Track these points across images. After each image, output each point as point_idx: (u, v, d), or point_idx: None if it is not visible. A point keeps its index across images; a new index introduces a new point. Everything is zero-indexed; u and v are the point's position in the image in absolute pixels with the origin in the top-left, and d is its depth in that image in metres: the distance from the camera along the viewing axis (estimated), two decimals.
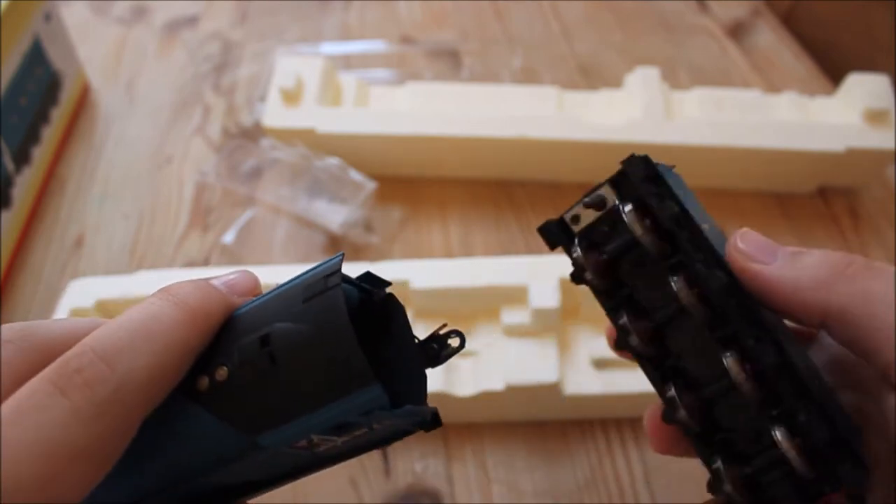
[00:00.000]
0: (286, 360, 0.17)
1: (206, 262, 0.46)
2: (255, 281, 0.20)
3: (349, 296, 0.18)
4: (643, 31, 0.63)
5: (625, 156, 0.20)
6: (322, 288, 0.17)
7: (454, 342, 0.19)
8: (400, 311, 0.19)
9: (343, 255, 0.18)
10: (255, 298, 0.19)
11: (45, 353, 0.17)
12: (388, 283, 0.19)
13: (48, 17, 0.51)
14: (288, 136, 0.48)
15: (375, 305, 0.19)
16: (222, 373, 0.18)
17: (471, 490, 0.36)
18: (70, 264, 0.46)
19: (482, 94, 0.50)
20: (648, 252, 0.19)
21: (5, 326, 0.17)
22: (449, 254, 0.46)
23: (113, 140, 0.54)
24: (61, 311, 0.38)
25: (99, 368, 0.15)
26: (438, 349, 0.19)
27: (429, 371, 0.19)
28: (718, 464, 0.19)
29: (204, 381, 0.18)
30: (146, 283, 0.39)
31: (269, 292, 0.19)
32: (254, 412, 0.18)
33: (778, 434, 0.18)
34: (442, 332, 0.19)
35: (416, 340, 0.19)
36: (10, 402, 0.15)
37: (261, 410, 0.18)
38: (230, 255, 0.46)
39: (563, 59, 0.60)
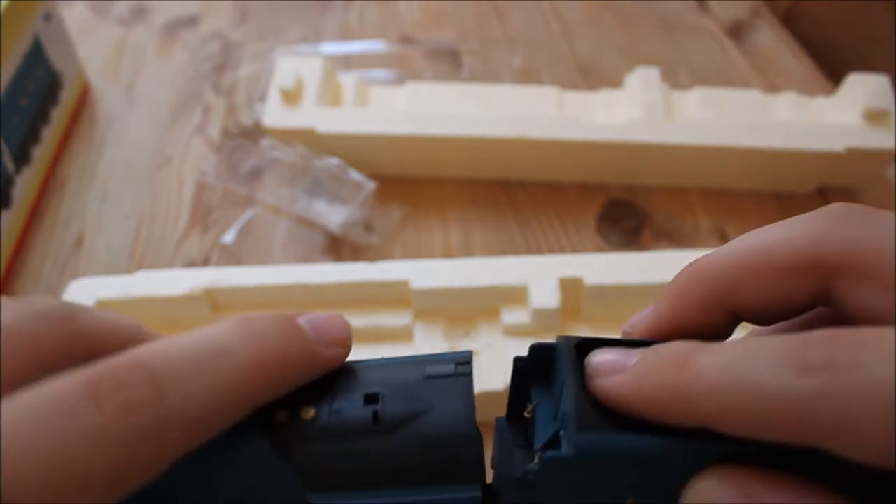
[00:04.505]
0: (390, 424, 0.16)
1: (205, 262, 0.46)
2: (348, 329, 0.18)
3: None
4: (643, 31, 0.63)
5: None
6: (450, 372, 0.16)
7: None
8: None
9: (472, 353, 0.17)
10: (361, 361, 0.17)
11: (81, 343, 0.15)
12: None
13: (48, 17, 0.51)
14: (288, 136, 0.48)
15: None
16: (309, 413, 0.16)
17: None
18: (70, 264, 0.46)
19: (482, 94, 0.50)
20: None
21: (42, 299, 0.15)
22: (449, 254, 0.46)
23: (113, 140, 0.54)
24: None
25: (146, 392, 0.13)
26: None
27: None
28: None
29: (283, 415, 0.16)
30: (146, 283, 0.39)
31: (383, 360, 0.17)
32: (325, 466, 0.16)
33: None
34: None
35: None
36: (36, 394, 0.13)
37: (334, 467, 0.16)
38: (230, 255, 0.46)
39: (563, 59, 0.60)
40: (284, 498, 0.16)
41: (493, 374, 0.36)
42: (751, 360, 0.13)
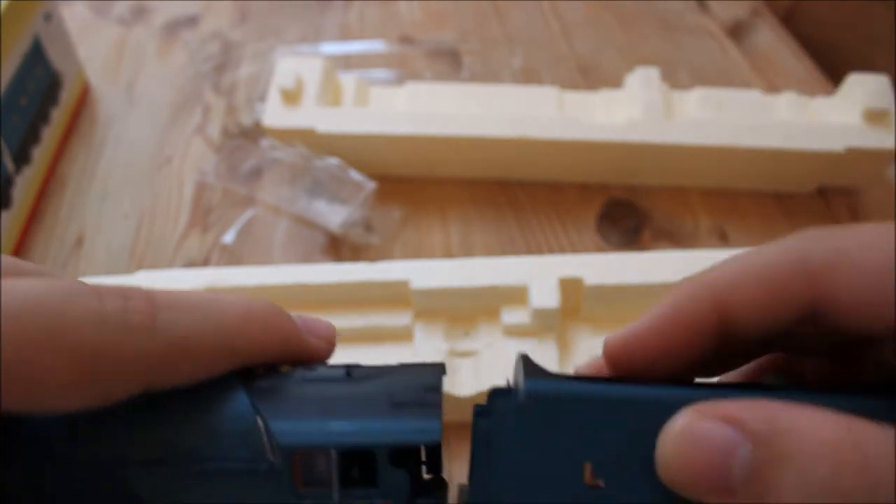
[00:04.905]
0: (362, 377, 0.17)
1: (206, 262, 0.46)
2: (333, 329, 0.19)
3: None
4: (643, 31, 0.63)
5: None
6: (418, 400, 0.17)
7: None
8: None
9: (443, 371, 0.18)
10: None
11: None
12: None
13: (48, 17, 0.51)
14: (288, 136, 0.48)
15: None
16: (285, 368, 0.17)
17: None
18: (70, 264, 0.46)
19: (482, 94, 0.50)
20: None
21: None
22: (449, 254, 0.46)
23: (113, 140, 0.54)
24: None
25: (143, 305, 0.15)
26: None
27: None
28: None
29: (261, 370, 0.17)
30: (146, 283, 0.39)
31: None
32: (294, 400, 0.17)
33: None
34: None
35: None
36: (49, 278, 0.14)
37: (302, 401, 0.17)
38: (230, 255, 0.46)
39: (563, 59, 0.60)
40: (244, 433, 0.16)
41: (493, 374, 0.36)
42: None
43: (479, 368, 0.37)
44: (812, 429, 0.13)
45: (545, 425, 0.16)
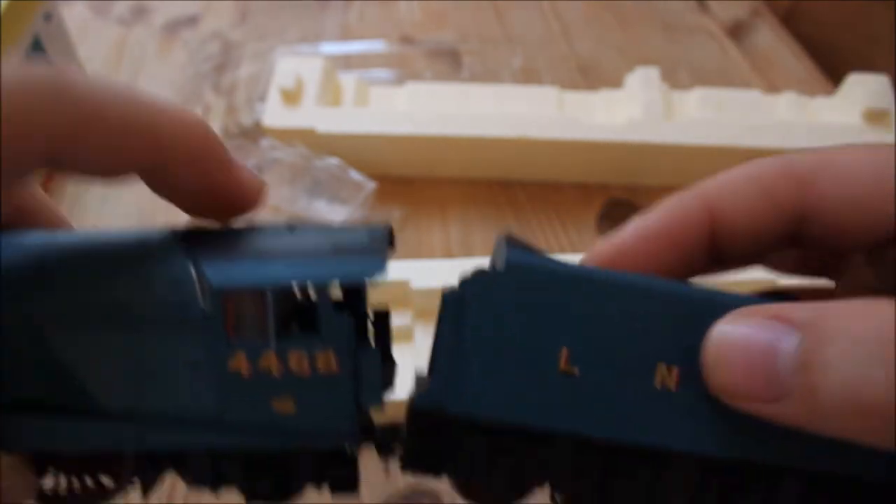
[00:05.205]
0: (304, 230, 0.16)
1: None
2: (263, 184, 0.17)
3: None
4: (643, 31, 0.63)
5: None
6: (364, 244, 0.16)
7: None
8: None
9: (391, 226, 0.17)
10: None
11: None
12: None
13: (48, 17, 0.51)
14: (288, 136, 0.48)
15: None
16: (220, 225, 0.16)
17: None
18: None
19: (482, 94, 0.50)
20: None
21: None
22: (449, 254, 0.46)
23: None
24: None
25: (57, 69, 0.14)
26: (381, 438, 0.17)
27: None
28: None
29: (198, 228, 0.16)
30: None
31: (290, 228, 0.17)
32: (226, 246, 0.16)
33: None
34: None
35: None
36: None
37: (233, 249, 0.15)
38: None
39: (563, 59, 0.60)
40: (175, 278, 0.15)
41: None
42: None
43: None
44: (861, 307, 0.13)
45: (524, 301, 0.15)
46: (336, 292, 0.15)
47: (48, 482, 0.17)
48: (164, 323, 0.15)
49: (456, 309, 0.15)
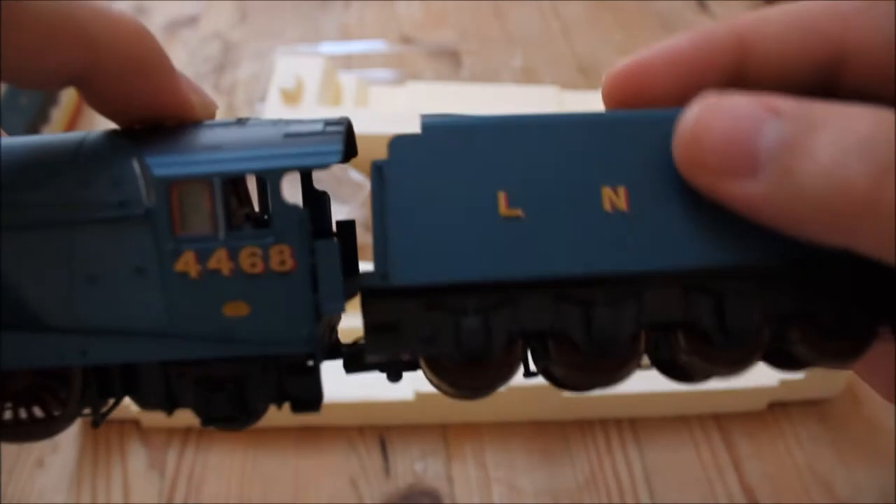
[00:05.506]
0: (255, 123, 0.15)
1: None
2: (214, 104, 0.17)
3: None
4: (643, 31, 0.63)
5: None
6: (318, 130, 0.15)
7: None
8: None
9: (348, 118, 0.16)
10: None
11: None
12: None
13: None
14: None
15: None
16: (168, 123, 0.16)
17: (471, 490, 0.36)
18: None
19: (482, 94, 0.50)
20: None
21: None
22: None
23: None
24: None
25: None
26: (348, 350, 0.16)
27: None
28: None
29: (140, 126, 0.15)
30: None
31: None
32: (172, 139, 0.15)
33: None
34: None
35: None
36: None
37: (180, 142, 0.15)
38: None
39: (563, 58, 0.60)
40: (121, 170, 0.14)
41: None
42: None
43: None
44: (858, 108, 0.13)
45: (445, 159, 0.14)
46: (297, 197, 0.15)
47: None
48: (105, 223, 0.14)
49: (378, 181, 0.15)
